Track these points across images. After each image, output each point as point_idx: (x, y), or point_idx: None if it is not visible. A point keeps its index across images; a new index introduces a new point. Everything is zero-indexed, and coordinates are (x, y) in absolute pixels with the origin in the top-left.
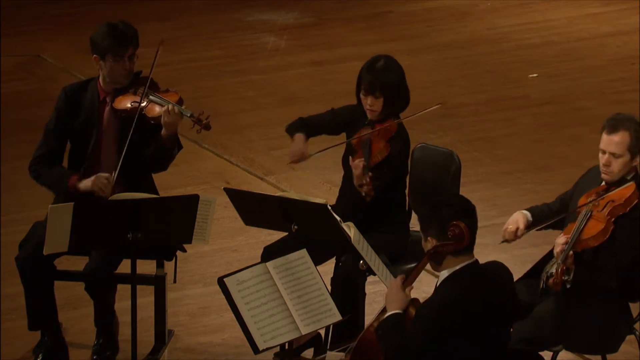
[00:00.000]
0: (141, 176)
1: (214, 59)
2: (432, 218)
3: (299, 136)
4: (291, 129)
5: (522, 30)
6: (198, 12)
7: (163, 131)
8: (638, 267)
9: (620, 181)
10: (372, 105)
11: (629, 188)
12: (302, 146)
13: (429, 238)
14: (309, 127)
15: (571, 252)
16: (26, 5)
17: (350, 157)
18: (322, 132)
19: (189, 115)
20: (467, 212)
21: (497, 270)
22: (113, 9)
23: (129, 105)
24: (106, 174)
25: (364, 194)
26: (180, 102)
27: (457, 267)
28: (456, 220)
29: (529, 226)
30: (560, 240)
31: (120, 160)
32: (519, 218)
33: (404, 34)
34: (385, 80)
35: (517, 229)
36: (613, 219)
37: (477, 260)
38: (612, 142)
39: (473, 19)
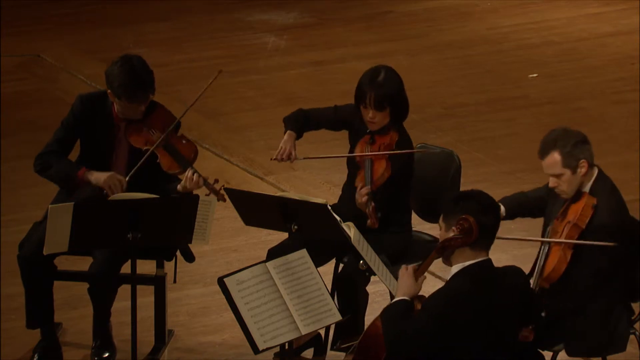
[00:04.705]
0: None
1: (214, 59)
2: (457, 209)
3: (290, 134)
4: (287, 122)
5: (522, 30)
6: (198, 12)
7: (179, 188)
8: (617, 267)
9: (578, 194)
10: (373, 118)
11: (580, 202)
12: (291, 146)
13: (453, 228)
14: (307, 120)
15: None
16: (26, 5)
17: (354, 173)
18: (321, 127)
19: (204, 183)
20: (491, 209)
21: (513, 274)
22: (113, 9)
23: (143, 148)
24: (121, 177)
25: (368, 224)
26: (195, 155)
27: (469, 263)
28: (466, 214)
29: (502, 218)
30: None
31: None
32: None
33: (404, 34)
34: (390, 93)
35: None
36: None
37: (490, 259)
38: (547, 165)
39: (473, 19)
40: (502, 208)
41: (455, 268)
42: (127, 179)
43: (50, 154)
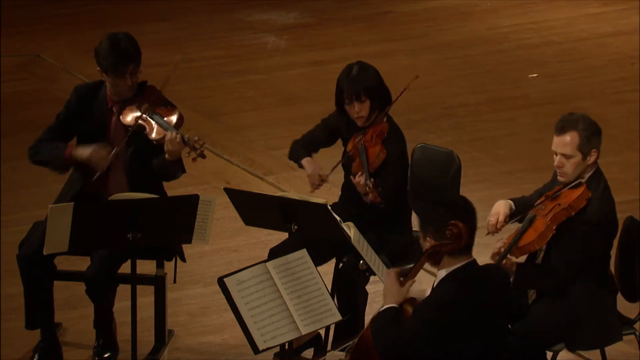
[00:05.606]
0: (149, 180)
1: (214, 59)
2: (430, 217)
3: (308, 160)
4: (295, 155)
5: (522, 30)
6: (198, 12)
7: (166, 156)
8: (586, 266)
9: (576, 183)
10: (359, 111)
11: (577, 191)
12: (317, 169)
13: (427, 238)
14: (307, 146)
15: (508, 259)
16: (26, 5)
17: (350, 169)
18: (319, 148)
19: (185, 141)
20: (466, 212)
21: (494, 271)
22: (113, 9)
23: (133, 123)
24: (104, 151)
25: (370, 202)
26: (180, 120)
27: (455, 267)
28: (454, 219)
29: (511, 215)
30: (497, 245)
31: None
32: (500, 209)
33: (404, 34)
34: (366, 83)
35: (497, 220)
36: (555, 225)
37: (475, 260)
38: (561, 143)
39: (473, 19)
40: (512, 203)
41: (443, 272)
42: (112, 152)
43: (41, 141)
